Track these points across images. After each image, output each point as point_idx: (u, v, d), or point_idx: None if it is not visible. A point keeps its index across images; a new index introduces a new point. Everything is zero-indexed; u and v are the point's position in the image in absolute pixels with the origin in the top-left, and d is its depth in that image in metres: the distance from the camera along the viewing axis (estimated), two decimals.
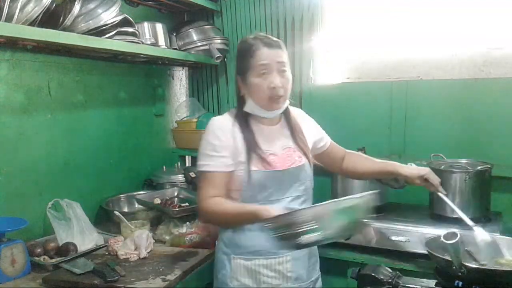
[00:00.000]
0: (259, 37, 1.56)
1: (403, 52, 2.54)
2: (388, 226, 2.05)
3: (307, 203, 1.64)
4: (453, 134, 2.33)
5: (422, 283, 1.43)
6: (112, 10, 1.95)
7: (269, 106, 1.55)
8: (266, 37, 1.57)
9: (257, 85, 1.53)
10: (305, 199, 1.64)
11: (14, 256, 1.65)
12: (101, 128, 2.36)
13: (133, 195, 2.41)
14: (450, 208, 1.61)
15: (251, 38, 1.57)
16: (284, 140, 1.63)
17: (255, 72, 1.53)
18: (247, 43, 1.57)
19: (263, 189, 1.55)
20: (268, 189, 1.55)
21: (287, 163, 1.59)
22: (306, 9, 2.65)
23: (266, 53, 1.52)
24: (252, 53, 1.53)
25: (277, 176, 1.56)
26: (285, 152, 1.61)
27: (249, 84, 1.55)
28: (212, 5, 2.82)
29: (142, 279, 1.61)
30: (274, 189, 1.56)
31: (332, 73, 2.72)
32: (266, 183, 1.55)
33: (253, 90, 1.55)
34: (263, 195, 1.55)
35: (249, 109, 1.59)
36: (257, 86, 1.53)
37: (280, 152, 1.60)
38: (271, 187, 1.56)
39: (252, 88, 1.55)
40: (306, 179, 1.63)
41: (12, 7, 1.57)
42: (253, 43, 1.54)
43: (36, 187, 1.99)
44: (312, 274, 1.68)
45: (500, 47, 2.33)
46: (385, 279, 1.40)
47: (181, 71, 3.05)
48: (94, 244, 1.91)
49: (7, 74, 1.86)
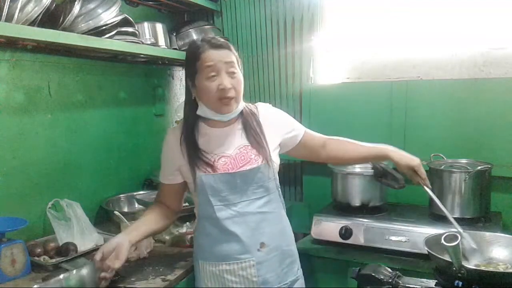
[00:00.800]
0: (205, 39, 1.54)
1: (403, 52, 2.54)
2: (388, 226, 2.05)
3: (272, 204, 1.61)
4: (453, 134, 2.33)
5: (422, 283, 1.43)
6: (112, 10, 1.95)
7: (220, 109, 1.53)
8: (213, 38, 1.54)
9: (206, 88, 1.50)
10: (268, 201, 1.59)
11: (14, 256, 1.65)
12: (101, 128, 2.36)
13: (133, 195, 2.41)
14: (450, 208, 1.60)
15: (198, 41, 1.56)
16: (239, 140, 1.60)
17: (203, 74, 1.50)
18: (193, 46, 1.55)
19: (216, 193, 1.53)
20: (221, 192, 1.54)
21: (240, 163, 1.56)
22: (306, 9, 2.65)
23: (213, 55, 1.49)
24: (198, 56, 1.50)
25: (228, 179, 1.54)
26: (241, 151, 1.58)
27: (199, 88, 1.53)
28: (212, 5, 2.81)
29: (142, 279, 1.61)
30: (228, 192, 1.54)
31: (332, 73, 2.72)
32: (217, 186, 1.53)
33: (203, 94, 1.52)
34: (217, 198, 1.53)
35: (202, 113, 1.57)
36: (206, 89, 1.50)
37: (234, 153, 1.57)
38: (224, 191, 1.54)
39: (201, 92, 1.53)
40: (263, 180, 1.57)
41: (12, 7, 1.57)
42: (199, 45, 1.52)
43: (36, 187, 1.99)
44: (287, 277, 1.63)
45: (500, 47, 2.33)
46: (385, 279, 1.40)
47: (181, 71, 3.05)
48: (94, 244, 1.91)
49: (7, 74, 1.86)
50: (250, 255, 1.55)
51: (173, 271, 1.68)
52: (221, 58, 1.50)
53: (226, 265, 1.55)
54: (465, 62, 2.41)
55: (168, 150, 1.62)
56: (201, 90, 1.53)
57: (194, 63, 1.52)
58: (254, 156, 1.58)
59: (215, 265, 1.57)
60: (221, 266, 1.56)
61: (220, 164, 1.55)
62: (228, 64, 1.50)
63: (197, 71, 1.52)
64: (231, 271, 1.55)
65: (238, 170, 1.55)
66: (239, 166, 1.55)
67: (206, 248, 1.59)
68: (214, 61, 1.49)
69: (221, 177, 1.53)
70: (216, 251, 1.56)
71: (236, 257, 1.55)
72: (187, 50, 1.59)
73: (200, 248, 1.61)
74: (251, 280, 1.55)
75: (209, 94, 1.51)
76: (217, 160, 1.55)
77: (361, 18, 2.61)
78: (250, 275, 1.55)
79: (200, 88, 1.53)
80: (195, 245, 1.65)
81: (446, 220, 1.66)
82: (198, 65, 1.51)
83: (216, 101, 1.51)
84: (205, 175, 1.53)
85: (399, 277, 1.43)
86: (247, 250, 1.55)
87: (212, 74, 1.49)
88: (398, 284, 1.39)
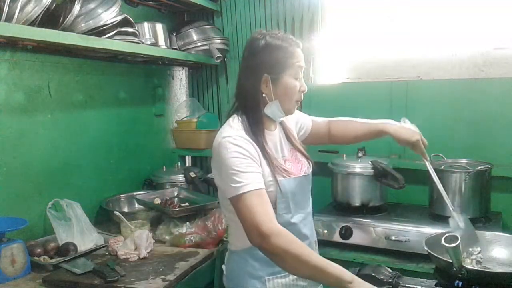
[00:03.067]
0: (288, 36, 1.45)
1: (403, 52, 2.54)
2: (388, 226, 2.05)
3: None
4: (453, 134, 2.33)
5: (422, 283, 1.42)
6: (112, 10, 1.95)
7: (292, 110, 1.47)
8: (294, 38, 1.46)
9: (293, 87, 1.42)
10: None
11: (14, 256, 1.65)
12: (101, 128, 2.36)
13: (133, 195, 2.41)
14: (449, 208, 1.61)
15: (281, 35, 1.43)
16: (287, 143, 1.55)
17: (292, 73, 1.41)
18: (279, 39, 1.41)
19: (293, 197, 1.43)
20: (296, 196, 1.45)
21: (298, 166, 1.51)
22: (306, 9, 2.65)
23: (301, 55, 1.44)
24: (290, 53, 1.41)
25: (302, 181, 1.48)
26: (292, 153, 1.53)
27: (282, 85, 1.41)
28: (212, 5, 2.82)
29: (142, 279, 1.61)
30: (300, 195, 1.47)
31: (332, 73, 2.72)
32: (295, 190, 1.44)
33: (286, 92, 1.42)
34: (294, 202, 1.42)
35: (270, 112, 1.44)
36: (292, 88, 1.42)
37: (289, 156, 1.52)
38: (298, 194, 1.46)
39: (284, 90, 1.41)
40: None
41: (12, 7, 1.57)
42: (289, 41, 1.42)
43: (36, 187, 1.99)
44: None
45: (500, 47, 2.33)
46: (385, 279, 1.40)
47: (181, 71, 3.05)
48: (94, 244, 1.91)
49: (7, 74, 1.86)
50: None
51: (173, 271, 1.68)
52: (303, 61, 1.45)
53: None
54: (465, 62, 2.41)
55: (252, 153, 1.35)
56: (283, 88, 1.41)
57: (285, 59, 1.41)
58: (300, 157, 1.54)
59: (287, 276, 1.42)
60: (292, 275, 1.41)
61: (289, 167, 1.47)
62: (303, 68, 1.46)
63: (288, 67, 1.41)
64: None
65: (306, 173, 1.51)
66: (299, 169, 1.50)
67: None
68: (302, 62, 1.44)
69: (298, 180, 1.46)
70: None
71: None
72: (268, 42, 1.41)
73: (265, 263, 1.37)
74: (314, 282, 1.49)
75: (293, 93, 1.43)
76: (284, 164, 1.48)
77: (361, 18, 2.61)
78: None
79: (283, 86, 1.41)
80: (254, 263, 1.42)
81: (446, 220, 1.66)
82: (290, 63, 1.41)
83: (294, 102, 1.45)
84: (285, 179, 1.42)
85: (399, 277, 1.43)
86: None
87: (299, 75, 1.43)
88: (398, 284, 1.39)
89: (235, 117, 1.44)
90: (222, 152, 1.33)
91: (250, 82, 1.43)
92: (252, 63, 1.43)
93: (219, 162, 1.35)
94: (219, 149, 1.34)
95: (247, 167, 1.31)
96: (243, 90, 1.46)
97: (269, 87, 1.41)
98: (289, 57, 1.40)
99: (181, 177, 2.58)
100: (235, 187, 1.28)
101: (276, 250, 1.22)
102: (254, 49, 1.42)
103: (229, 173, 1.30)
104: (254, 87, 1.42)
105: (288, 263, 1.23)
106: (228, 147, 1.32)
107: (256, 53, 1.42)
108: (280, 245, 1.21)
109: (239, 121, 1.42)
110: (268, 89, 1.41)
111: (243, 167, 1.30)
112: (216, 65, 2.94)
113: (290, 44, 1.42)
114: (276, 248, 1.22)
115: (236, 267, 1.46)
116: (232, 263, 1.48)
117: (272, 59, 1.40)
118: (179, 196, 2.39)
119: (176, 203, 2.27)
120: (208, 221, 2.00)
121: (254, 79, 1.42)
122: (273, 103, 1.42)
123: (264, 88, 1.42)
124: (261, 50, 1.41)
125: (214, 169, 1.41)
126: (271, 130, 1.49)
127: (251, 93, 1.43)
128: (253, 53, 1.43)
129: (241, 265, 1.44)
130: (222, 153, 1.33)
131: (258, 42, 1.42)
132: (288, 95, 1.42)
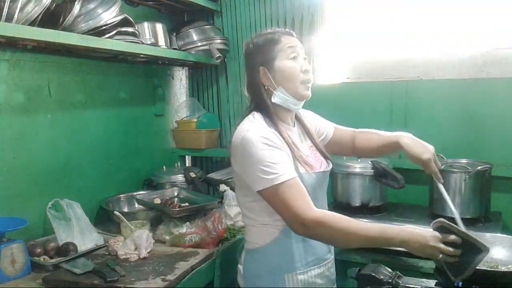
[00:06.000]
0: (276, 29, 1.52)
1: (403, 52, 2.54)
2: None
3: None
4: (453, 134, 2.33)
5: (422, 283, 1.43)
6: (112, 10, 1.95)
7: (302, 92, 1.46)
8: (283, 29, 1.53)
9: (290, 68, 1.44)
10: None
11: (14, 256, 1.65)
12: (101, 128, 2.36)
13: (133, 195, 2.41)
14: (449, 208, 1.60)
15: (269, 31, 1.51)
16: (306, 140, 1.56)
17: (284, 56, 1.45)
18: (267, 34, 1.50)
19: (314, 192, 1.41)
20: (316, 192, 1.44)
21: (317, 163, 1.51)
22: (306, 9, 2.65)
23: (291, 39, 1.48)
24: (276, 40, 1.46)
25: (321, 177, 1.49)
26: (311, 150, 1.54)
27: (279, 71, 1.44)
28: (212, 5, 2.82)
29: (142, 279, 1.61)
30: (320, 191, 1.48)
31: (332, 73, 2.72)
32: (316, 186, 1.45)
33: (285, 75, 1.44)
34: (313, 198, 1.37)
35: (279, 100, 1.46)
36: (290, 69, 1.44)
37: (309, 152, 1.52)
38: (318, 190, 1.47)
39: (283, 74, 1.44)
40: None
41: (12, 7, 1.57)
42: (275, 32, 1.49)
43: (36, 187, 1.99)
44: None
45: (500, 47, 2.33)
46: (385, 279, 1.40)
47: (181, 71, 3.05)
48: (94, 244, 1.91)
49: (7, 74, 1.86)
50: (330, 254, 1.53)
51: (173, 271, 1.68)
52: (298, 43, 1.48)
53: (318, 269, 1.47)
54: (465, 62, 2.41)
55: (280, 144, 1.37)
56: (282, 72, 1.44)
57: (273, 47, 1.45)
58: (319, 155, 1.55)
59: (306, 272, 1.44)
60: (313, 271, 1.46)
61: (311, 161, 1.47)
62: (303, 50, 1.49)
63: (277, 55, 1.45)
64: (321, 274, 1.48)
65: (325, 169, 1.52)
66: (319, 165, 1.51)
67: (295, 257, 1.43)
68: (294, 43, 1.47)
69: (318, 176, 1.46)
70: (309, 256, 1.45)
71: (324, 257, 1.50)
72: (258, 40, 1.49)
73: (285, 259, 1.42)
74: (330, 279, 1.53)
75: (294, 74, 1.44)
76: (307, 158, 1.47)
77: (361, 18, 2.61)
78: (330, 273, 1.53)
79: (281, 70, 1.44)
80: (271, 260, 1.43)
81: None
82: (278, 48, 1.45)
83: (300, 84, 1.45)
84: (307, 173, 1.41)
85: (399, 277, 1.43)
86: (329, 248, 1.53)
87: (294, 54, 1.45)
88: (398, 284, 1.39)
89: (254, 113, 1.47)
90: (248, 146, 1.33)
91: (252, 80, 1.49)
92: (249, 63, 1.51)
93: (244, 157, 1.35)
94: (243, 144, 1.35)
95: (278, 157, 1.32)
96: (250, 90, 1.52)
97: (268, 77, 1.46)
98: (275, 43, 1.46)
99: (181, 177, 2.58)
100: (268, 178, 1.29)
101: (324, 237, 1.32)
102: (247, 52, 1.52)
103: (259, 165, 1.30)
104: (257, 83, 1.48)
105: (339, 243, 1.42)
106: (254, 140, 1.33)
107: (249, 55, 1.51)
108: (325, 233, 1.28)
109: (259, 116, 1.45)
110: (268, 79, 1.46)
111: (273, 158, 1.31)
112: (216, 65, 2.94)
113: (274, 34, 1.48)
114: (323, 236, 1.31)
115: (255, 266, 1.46)
116: (250, 261, 1.48)
117: (263, 52, 1.47)
118: (179, 196, 2.39)
119: (176, 203, 2.26)
120: (208, 221, 2.00)
121: (254, 76, 1.48)
122: (277, 90, 1.46)
123: (264, 81, 1.47)
124: (252, 49, 1.50)
125: (237, 165, 1.42)
126: (290, 125, 1.52)
127: (256, 89, 1.49)
128: (247, 55, 1.52)
129: (260, 263, 1.45)
130: (248, 146, 1.33)
131: (249, 45, 1.51)
132: (288, 78, 1.45)
